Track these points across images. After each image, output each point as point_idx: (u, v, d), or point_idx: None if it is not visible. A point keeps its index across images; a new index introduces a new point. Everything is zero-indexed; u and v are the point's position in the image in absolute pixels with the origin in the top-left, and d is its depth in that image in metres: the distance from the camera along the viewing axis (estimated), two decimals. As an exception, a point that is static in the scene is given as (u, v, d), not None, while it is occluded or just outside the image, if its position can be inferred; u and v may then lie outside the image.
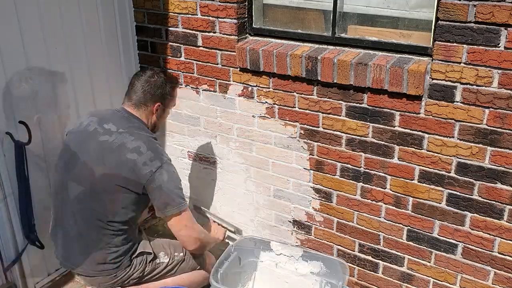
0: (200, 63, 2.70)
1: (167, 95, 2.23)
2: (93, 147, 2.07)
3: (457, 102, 2.00)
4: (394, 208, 2.34)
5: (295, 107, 2.45)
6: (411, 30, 2.18)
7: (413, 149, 2.18)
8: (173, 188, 2.06)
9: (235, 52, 2.52)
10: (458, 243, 2.21)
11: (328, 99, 2.33)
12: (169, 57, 2.81)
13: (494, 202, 2.06)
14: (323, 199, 2.55)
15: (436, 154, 2.13)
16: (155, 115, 2.21)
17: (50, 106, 2.46)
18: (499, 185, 2.03)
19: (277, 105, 2.51)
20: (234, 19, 2.47)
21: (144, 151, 2.03)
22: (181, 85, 2.84)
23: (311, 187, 2.57)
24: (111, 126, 2.09)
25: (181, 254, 2.30)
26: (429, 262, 2.33)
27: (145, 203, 2.13)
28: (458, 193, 2.14)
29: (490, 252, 2.14)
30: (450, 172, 2.13)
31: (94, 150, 2.07)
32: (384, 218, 2.39)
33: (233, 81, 2.61)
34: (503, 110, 1.92)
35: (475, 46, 1.89)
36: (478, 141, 2.01)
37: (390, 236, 2.40)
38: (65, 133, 2.37)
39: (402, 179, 2.26)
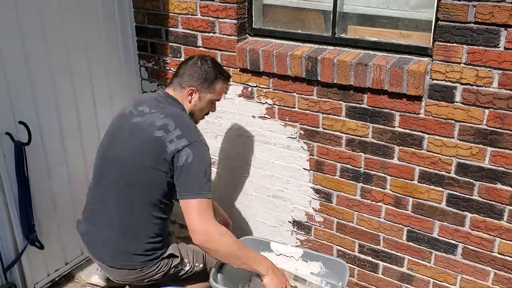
0: (200, 63, 2.70)
1: (205, 82, 2.07)
2: (127, 129, 2.02)
3: (457, 102, 2.00)
4: (394, 208, 2.34)
5: (295, 108, 2.45)
6: (411, 31, 2.18)
7: (413, 149, 2.18)
8: (196, 171, 1.89)
9: (235, 52, 2.52)
10: (458, 243, 2.21)
11: (328, 100, 2.33)
12: (169, 57, 2.81)
13: (494, 203, 2.06)
14: (323, 200, 2.55)
15: (436, 155, 2.13)
16: (189, 101, 2.09)
17: (50, 106, 2.46)
18: (499, 186, 2.03)
19: (277, 105, 2.51)
20: (234, 19, 2.47)
21: (172, 129, 1.92)
22: (181, 85, 2.84)
23: (311, 188, 2.57)
24: (145, 108, 2.03)
25: (201, 265, 2.21)
26: (429, 263, 2.33)
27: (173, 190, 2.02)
28: (458, 194, 2.14)
29: (490, 253, 2.14)
30: (450, 173, 2.13)
31: (128, 132, 2.01)
32: (384, 219, 2.39)
33: (233, 82, 2.61)
34: (503, 111, 1.92)
35: (475, 47, 1.89)
36: (478, 142, 2.01)
37: (390, 237, 2.40)
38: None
39: (402, 179, 2.26)
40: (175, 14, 2.67)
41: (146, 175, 1.95)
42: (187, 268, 2.17)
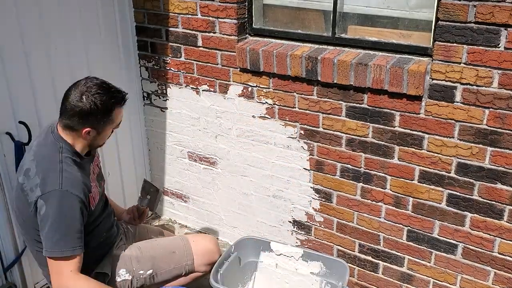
0: (200, 63, 2.70)
1: (99, 120, 1.84)
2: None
3: (457, 102, 2.00)
4: (394, 208, 2.34)
5: (295, 107, 2.45)
6: (411, 30, 2.18)
7: (413, 149, 2.18)
8: (48, 226, 1.74)
9: (235, 52, 2.52)
10: (458, 243, 2.21)
11: (328, 99, 2.33)
12: (169, 57, 2.81)
13: (494, 203, 2.06)
14: (323, 200, 2.55)
15: (436, 155, 2.13)
16: (85, 140, 1.88)
17: (50, 106, 2.46)
18: (499, 186, 2.03)
19: (277, 105, 2.51)
20: (234, 19, 2.47)
21: (32, 175, 1.78)
22: (181, 85, 2.84)
23: (311, 188, 2.56)
24: (34, 143, 1.92)
25: (149, 271, 2.08)
26: (429, 263, 2.33)
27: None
28: (458, 193, 2.14)
29: (490, 253, 2.14)
30: (450, 173, 2.12)
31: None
32: (384, 219, 2.39)
33: (233, 81, 2.61)
34: (503, 111, 1.92)
35: (475, 47, 1.89)
36: (478, 142, 2.01)
37: (390, 237, 2.40)
38: None
39: (402, 179, 2.26)
40: (175, 14, 2.67)
41: (24, 216, 1.86)
42: (129, 278, 2.05)
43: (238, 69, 2.57)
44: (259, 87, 2.53)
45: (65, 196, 1.76)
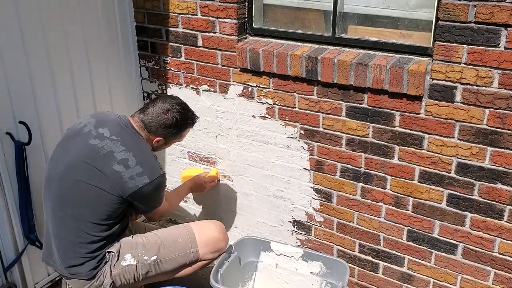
0: (200, 63, 2.70)
1: (174, 133, 2.18)
2: (82, 148, 2.02)
3: (457, 102, 2.00)
4: (394, 208, 2.34)
5: (295, 107, 2.45)
6: (411, 30, 2.18)
7: (413, 149, 2.18)
8: (157, 199, 2.16)
9: (235, 52, 2.52)
10: (458, 243, 2.21)
11: (328, 99, 2.33)
12: (169, 57, 2.81)
13: (494, 203, 2.06)
14: (323, 199, 2.55)
15: (436, 154, 2.13)
16: (153, 145, 2.18)
17: (50, 106, 2.46)
18: (499, 186, 2.03)
19: (277, 105, 2.51)
20: (234, 19, 2.47)
21: (132, 165, 1.99)
22: (181, 85, 2.84)
23: (311, 187, 2.56)
24: (105, 131, 2.04)
25: (153, 257, 2.14)
26: (429, 263, 2.33)
27: (124, 210, 2.07)
28: (458, 194, 2.14)
29: (490, 253, 2.14)
30: (450, 173, 2.12)
31: (81, 151, 2.01)
32: (384, 219, 2.39)
33: (233, 81, 2.61)
34: (503, 110, 1.92)
35: (475, 46, 1.89)
36: (478, 141, 2.01)
37: (390, 237, 2.40)
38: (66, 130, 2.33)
39: (402, 179, 2.26)
40: (175, 14, 2.67)
41: (92, 196, 1.98)
42: (134, 263, 2.11)
43: (238, 69, 2.57)
44: (259, 87, 2.53)
45: (163, 177, 2.11)
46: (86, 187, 1.98)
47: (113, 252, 2.09)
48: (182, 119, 2.17)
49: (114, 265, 2.08)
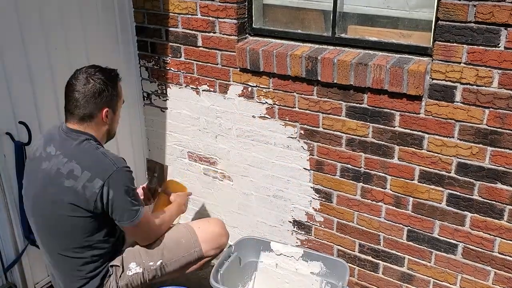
0: (200, 63, 2.70)
1: (112, 97, 1.94)
2: (38, 178, 1.93)
3: (457, 102, 2.00)
4: (394, 208, 2.34)
5: (295, 107, 2.45)
6: (411, 30, 2.18)
7: (413, 149, 2.18)
8: (126, 201, 1.90)
9: (235, 52, 2.52)
10: (458, 243, 2.21)
11: (328, 99, 2.33)
12: (169, 57, 2.81)
13: (494, 202, 2.06)
14: (323, 199, 2.55)
15: (436, 154, 2.13)
16: (106, 123, 1.96)
17: (50, 106, 2.46)
18: (499, 185, 2.03)
19: (277, 105, 2.51)
20: (234, 19, 2.47)
21: (79, 173, 1.83)
22: (181, 85, 2.84)
23: (311, 187, 2.56)
24: (51, 149, 1.91)
25: (159, 262, 2.11)
26: (429, 262, 2.33)
27: (105, 222, 1.96)
28: (458, 193, 2.14)
29: (490, 252, 2.14)
30: (450, 172, 2.12)
31: (37, 181, 1.93)
32: (384, 218, 2.39)
33: (233, 81, 2.61)
34: (503, 110, 1.92)
35: (475, 46, 1.89)
36: (478, 141, 2.01)
37: (390, 236, 2.40)
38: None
39: (402, 179, 2.26)
40: (175, 14, 2.67)
41: (65, 223, 1.90)
42: (140, 271, 2.08)
43: (238, 69, 2.57)
44: (259, 87, 2.53)
45: (122, 172, 1.89)
46: (52, 217, 1.91)
47: (116, 265, 2.05)
48: (106, 75, 1.94)
49: (120, 276, 2.05)
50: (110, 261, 2.05)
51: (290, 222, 2.73)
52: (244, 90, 2.60)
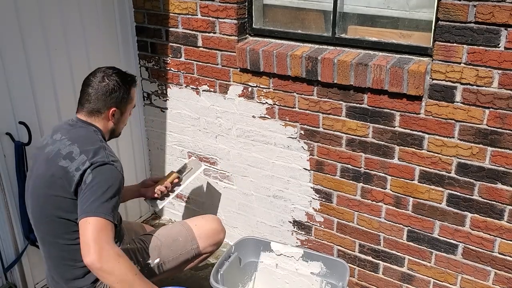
0: (200, 63, 2.70)
1: (122, 99, 2.01)
2: (40, 161, 1.95)
3: (457, 102, 2.00)
4: (394, 208, 2.34)
5: (295, 108, 2.45)
6: (411, 31, 2.18)
7: (413, 149, 2.18)
8: (98, 193, 1.78)
9: (235, 52, 2.52)
10: (459, 243, 2.21)
11: (328, 100, 2.33)
12: (169, 57, 2.81)
13: (494, 203, 2.06)
14: (323, 200, 2.55)
15: (436, 155, 2.13)
16: (111, 121, 2.02)
17: (50, 106, 2.46)
18: (499, 186, 2.03)
19: (277, 105, 2.51)
20: (234, 19, 2.47)
21: (77, 156, 1.84)
22: (181, 85, 2.84)
23: (311, 188, 2.56)
24: (57, 136, 1.95)
25: (156, 260, 2.12)
26: (430, 263, 2.33)
27: None
28: (458, 194, 2.14)
29: (491, 253, 2.14)
30: (450, 173, 2.12)
31: (39, 162, 1.95)
32: (384, 219, 2.39)
33: (233, 82, 2.61)
34: (503, 110, 1.92)
35: (475, 46, 1.89)
36: (479, 142, 2.01)
37: (390, 237, 2.40)
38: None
39: (402, 179, 2.26)
40: (175, 14, 2.67)
41: (54, 205, 1.88)
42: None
43: (238, 69, 2.57)
44: (259, 87, 2.53)
45: (112, 169, 1.85)
46: (46, 200, 1.90)
47: None
48: (122, 78, 2.01)
49: None
50: None
51: (290, 222, 2.73)
52: (244, 90, 2.60)
